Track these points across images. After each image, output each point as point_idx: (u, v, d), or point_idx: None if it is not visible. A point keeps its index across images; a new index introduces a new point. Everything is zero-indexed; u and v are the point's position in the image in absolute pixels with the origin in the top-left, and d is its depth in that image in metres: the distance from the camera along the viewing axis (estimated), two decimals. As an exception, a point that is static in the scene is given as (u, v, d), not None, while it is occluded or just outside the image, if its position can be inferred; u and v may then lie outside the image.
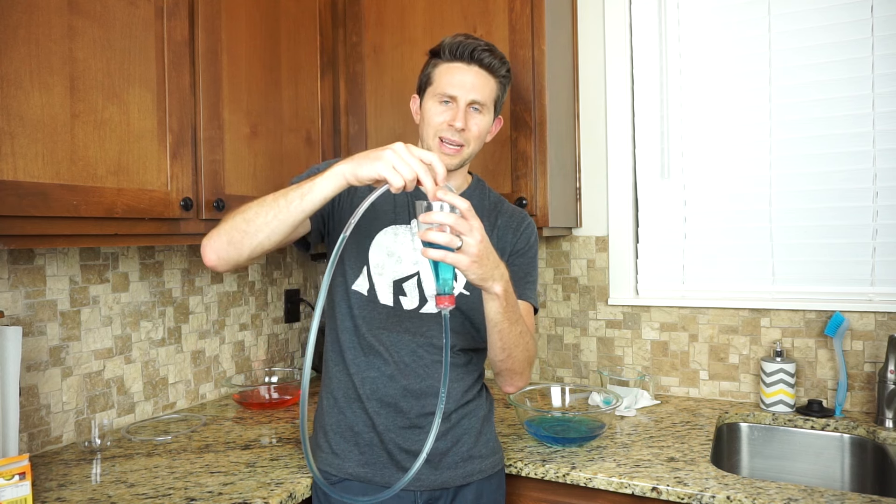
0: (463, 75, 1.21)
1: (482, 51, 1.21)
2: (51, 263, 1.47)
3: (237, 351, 1.98)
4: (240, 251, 1.06)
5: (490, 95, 1.24)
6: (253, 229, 1.03)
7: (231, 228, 1.06)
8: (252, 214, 1.04)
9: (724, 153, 1.87)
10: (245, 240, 1.04)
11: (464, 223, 0.94)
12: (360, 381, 1.23)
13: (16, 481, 1.08)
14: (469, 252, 0.95)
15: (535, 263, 1.33)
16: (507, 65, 1.26)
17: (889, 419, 1.56)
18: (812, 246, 1.77)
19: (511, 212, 1.35)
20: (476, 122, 1.23)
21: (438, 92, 1.22)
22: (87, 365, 1.55)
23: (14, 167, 1.07)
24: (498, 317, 1.10)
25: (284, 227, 1.02)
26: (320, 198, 0.99)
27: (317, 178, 0.99)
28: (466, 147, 1.24)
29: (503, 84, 1.27)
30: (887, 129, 1.68)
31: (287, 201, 1.00)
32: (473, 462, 1.25)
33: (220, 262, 1.09)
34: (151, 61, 1.32)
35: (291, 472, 1.30)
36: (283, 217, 1.01)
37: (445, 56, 1.23)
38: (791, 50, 1.78)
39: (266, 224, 1.02)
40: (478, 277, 1.00)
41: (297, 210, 1.00)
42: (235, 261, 1.08)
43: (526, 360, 1.23)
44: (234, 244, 1.06)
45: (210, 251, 1.09)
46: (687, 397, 1.88)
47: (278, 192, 1.03)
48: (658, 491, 1.24)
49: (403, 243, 1.24)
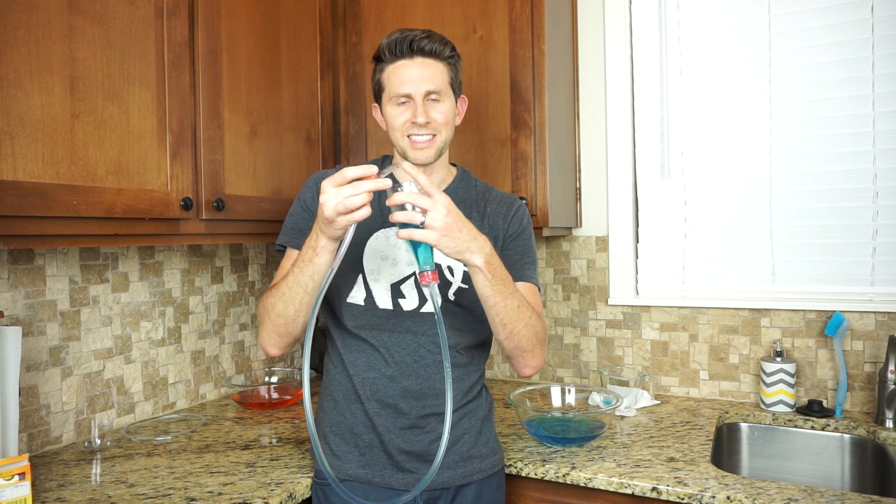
0: (409, 70, 1.19)
1: (421, 39, 1.19)
2: (51, 263, 1.47)
3: (237, 351, 1.98)
4: (292, 335, 1.19)
5: (443, 80, 1.21)
6: (291, 318, 1.15)
7: (274, 326, 1.18)
8: (282, 309, 1.14)
9: (724, 153, 1.87)
10: (290, 327, 1.17)
11: (424, 198, 0.97)
12: (360, 382, 1.23)
13: (15, 481, 1.08)
14: (435, 226, 0.98)
15: (531, 244, 1.31)
16: (449, 44, 1.23)
17: (889, 419, 1.56)
18: (812, 246, 1.77)
19: (500, 198, 1.33)
20: (438, 110, 1.21)
21: (393, 94, 1.21)
22: (86, 365, 1.55)
23: (14, 167, 1.07)
24: (487, 290, 1.08)
25: (311, 300, 1.12)
26: (325, 269, 1.07)
27: (315, 259, 1.06)
28: (438, 136, 1.21)
29: (452, 64, 1.24)
30: (887, 129, 1.68)
31: (302, 288, 1.10)
32: (473, 462, 1.25)
33: (283, 349, 1.22)
34: (151, 61, 1.31)
35: (291, 472, 1.30)
36: (308, 300, 1.12)
37: (387, 57, 1.21)
38: (791, 50, 1.78)
39: (298, 311, 1.14)
40: (451, 251, 1.01)
41: (313, 286, 1.10)
42: (294, 341, 1.21)
43: (533, 336, 1.18)
44: (284, 335, 1.19)
45: (271, 348, 1.22)
46: (687, 397, 1.88)
47: (289, 280, 1.12)
48: (658, 491, 1.24)
49: (396, 245, 1.24)
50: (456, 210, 1.00)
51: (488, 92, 1.71)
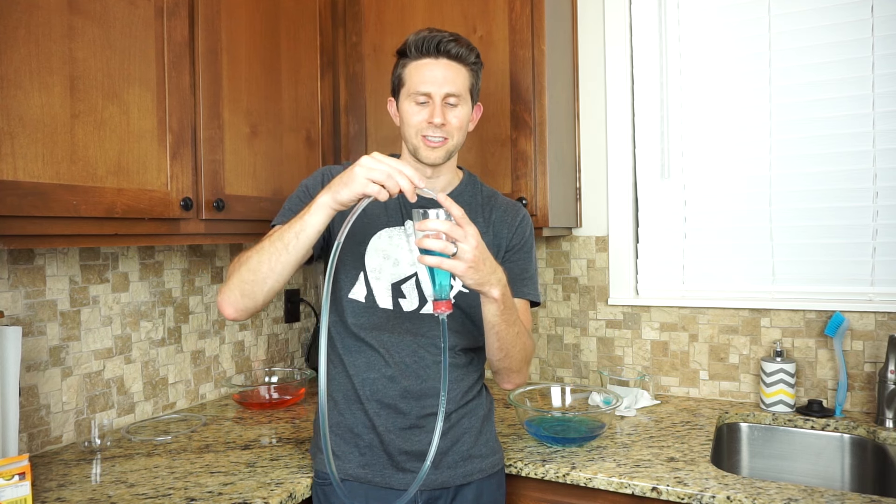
0: (433, 70, 1.20)
1: (448, 42, 1.19)
2: (51, 263, 1.47)
3: (237, 351, 1.98)
4: (255, 299, 1.11)
5: (464, 85, 1.22)
6: (261, 277, 1.08)
7: (240, 281, 1.10)
8: (255, 264, 1.08)
9: (724, 153, 1.87)
10: (256, 288, 1.09)
11: (458, 230, 0.96)
12: (360, 382, 1.23)
13: (15, 481, 1.08)
14: (464, 258, 0.97)
15: (531, 258, 1.33)
16: (475, 51, 1.24)
17: (889, 419, 1.56)
18: (812, 246, 1.77)
19: (505, 206, 1.33)
20: (455, 114, 1.21)
21: (412, 91, 1.21)
22: (87, 365, 1.55)
23: (14, 167, 1.07)
24: (495, 319, 1.11)
25: (289, 266, 1.07)
26: (314, 232, 1.03)
27: (305, 216, 1.03)
28: (450, 139, 1.22)
29: (475, 71, 1.25)
30: (887, 129, 1.68)
31: (284, 244, 1.05)
32: (473, 461, 1.25)
33: (238, 313, 1.13)
34: (151, 61, 1.31)
35: (291, 472, 1.30)
36: (286, 259, 1.06)
37: (412, 54, 1.21)
38: (791, 50, 1.78)
39: (271, 269, 1.07)
40: (475, 282, 1.02)
41: (296, 249, 1.05)
42: (253, 308, 1.13)
43: (524, 359, 1.24)
44: (247, 295, 1.10)
45: (227, 306, 1.13)
46: (687, 397, 1.88)
47: (273, 236, 1.08)
48: (658, 491, 1.24)
49: (399, 245, 1.24)
50: (482, 243, 1.01)
51: (488, 92, 1.71)
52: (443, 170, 1.27)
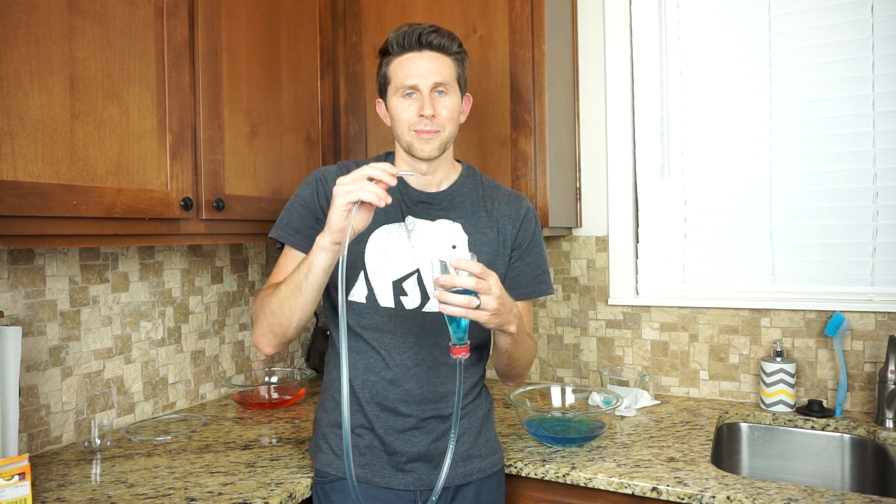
0: (418, 63, 1.19)
1: (429, 33, 1.19)
2: (50, 263, 1.47)
3: (237, 351, 1.98)
4: (286, 334, 1.17)
5: (450, 74, 1.21)
6: (286, 318, 1.14)
7: (269, 324, 1.17)
8: (276, 307, 1.14)
9: (724, 153, 1.87)
10: (284, 327, 1.16)
11: (482, 283, 0.98)
12: (360, 384, 1.23)
13: (15, 481, 1.08)
14: (489, 308, 1.00)
15: (542, 251, 1.34)
16: (457, 41, 1.23)
17: (889, 419, 1.56)
18: (812, 246, 1.77)
19: (508, 198, 1.33)
20: (444, 104, 1.20)
21: (399, 86, 1.20)
22: (86, 365, 1.55)
23: (14, 167, 1.07)
24: (509, 346, 1.18)
25: (308, 304, 1.12)
26: (321, 272, 1.07)
27: (311, 257, 1.06)
28: (443, 131, 1.21)
29: (459, 60, 1.24)
30: (887, 129, 1.68)
31: (297, 285, 1.10)
32: (473, 461, 1.25)
33: (276, 348, 1.21)
34: (151, 61, 1.31)
35: (291, 472, 1.30)
36: (303, 299, 1.10)
37: (395, 50, 1.21)
38: (791, 50, 1.78)
39: (293, 310, 1.13)
40: (496, 325, 1.06)
41: (308, 289, 1.09)
42: (288, 340, 1.20)
43: (527, 365, 1.31)
44: (278, 334, 1.17)
45: (265, 346, 1.20)
46: (687, 397, 1.88)
47: (287, 279, 1.12)
48: (658, 491, 1.24)
49: (398, 241, 1.23)
50: (503, 290, 1.03)
51: (488, 92, 1.71)
52: (439, 164, 1.26)
